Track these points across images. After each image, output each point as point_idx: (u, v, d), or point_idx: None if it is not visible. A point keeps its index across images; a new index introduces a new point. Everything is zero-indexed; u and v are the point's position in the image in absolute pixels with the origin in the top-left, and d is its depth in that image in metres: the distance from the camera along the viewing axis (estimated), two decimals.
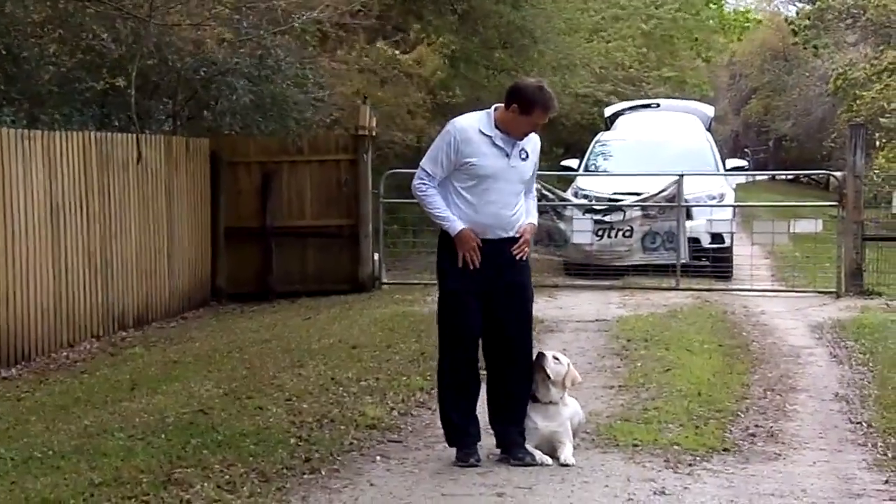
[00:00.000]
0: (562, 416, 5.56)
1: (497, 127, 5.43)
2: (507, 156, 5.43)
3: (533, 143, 5.58)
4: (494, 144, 5.42)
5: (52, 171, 9.70)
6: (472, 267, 5.41)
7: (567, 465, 5.39)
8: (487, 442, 5.64)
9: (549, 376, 5.52)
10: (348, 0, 13.70)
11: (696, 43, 26.83)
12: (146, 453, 5.54)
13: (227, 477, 5.15)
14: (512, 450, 5.47)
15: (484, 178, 5.40)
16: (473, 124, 5.48)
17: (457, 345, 5.52)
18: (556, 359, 5.63)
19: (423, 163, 5.53)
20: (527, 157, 5.51)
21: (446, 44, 16.41)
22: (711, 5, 28.22)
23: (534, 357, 5.59)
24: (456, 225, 5.42)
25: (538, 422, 5.52)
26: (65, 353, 9.61)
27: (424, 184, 5.48)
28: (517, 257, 5.48)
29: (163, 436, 5.89)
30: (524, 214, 5.56)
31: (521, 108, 5.37)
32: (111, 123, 12.01)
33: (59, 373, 8.83)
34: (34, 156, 9.44)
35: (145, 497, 4.86)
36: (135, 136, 11.07)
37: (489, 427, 5.65)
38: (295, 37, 13.51)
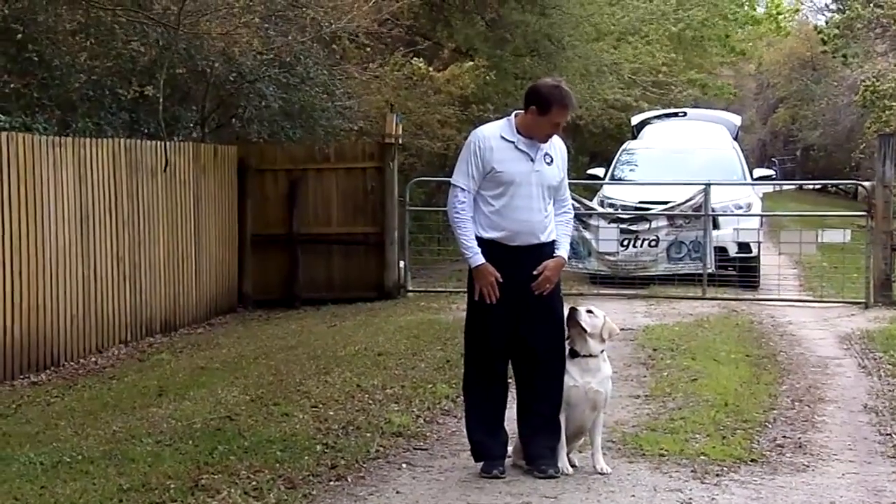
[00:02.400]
0: (602, 372, 5.45)
1: (519, 133, 5.42)
2: (532, 160, 5.40)
3: (557, 148, 5.52)
4: (517, 149, 5.39)
5: (82, 178, 9.80)
6: (488, 301, 5.35)
7: (603, 473, 5.35)
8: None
9: (585, 329, 5.42)
10: (377, 9, 13.75)
11: (727, 39, 26.49)
12: (174, 459, 5.57)
13: (254, 483, 5.17)
14: (537, 461, 5.41)
15: (509, 184, 5.36)
16: (495, 132, 5.47)
17: (483, 357, 5.47)
18: (591, 312, 5.51)
19: (455, 179, 5.46)
20: (551, 161, 5.45)
21: (478, 65, 16.45)
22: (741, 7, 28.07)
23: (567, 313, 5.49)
24: (477, 258, 5.36)
25: (577, 377, 5.40)
26: (93, 359, 9.70)
27: (461, 202, 5.40)
28: (538, 291, 5.38)
29: (190, 442, 5.93)
30: (553, 221, 5.50)
31: (539, 108, 5.35)
32: (140, 130, 12.13)
33: (87, 378, 8.91)
34: (65, 162, 9.54)
35: (173, 502, 4.89)
36: (162, 144, 11.16)
37: (516, 435, 5.63)
38: (324, 45, 13.59)
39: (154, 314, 10.98)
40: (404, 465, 5.63)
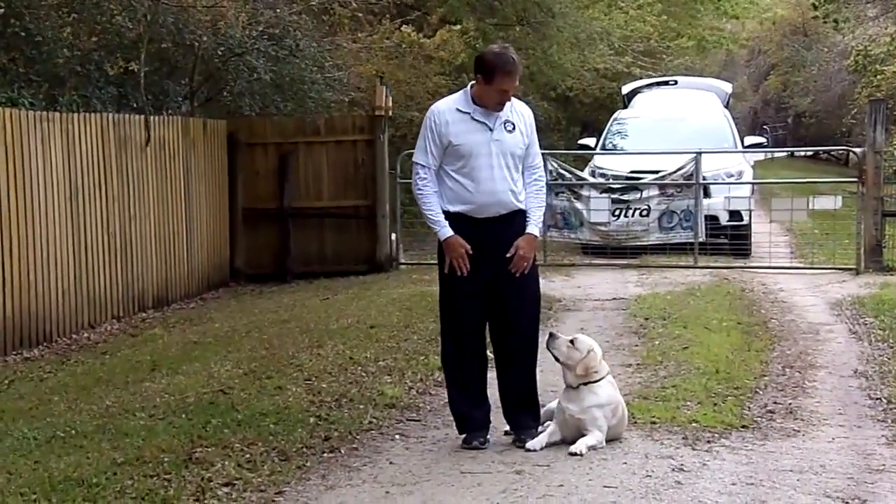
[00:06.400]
0: (585, 401, 5.31)
1: (475, 103, 5.34)
2: (490, 129, 5.31)
3: (520, 114, 5.42)
4: (473, 120, 5.32)
5: (71, 153, 9.76)
6: (459, 274, 5.32)
7: (574, 454, 5.15)
8: (502, 423, 5.62)
9: (557, 358, 5.37)
10: None
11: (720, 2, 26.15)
12: (167, 433, 5.59)
13: (248, 456, 5.19)
14: (519, 432, 5.43)
15: (469, 156, 5.29)
16: (450, 105, 5.41)
17: (458, 332, 5.45)
18: (571, 343, 5.37)
19: (415, 157, 5.41)
20: (513, 128, 5.35)
21: (466, 30, 16.32)
22: None
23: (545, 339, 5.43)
24: (445, 231, 5.31)
25: (563, 402, 5.38)
26: (86, 334, 9.71)
27: (422, 178, 5.35)
28: (517, 273, 5.33)
29: (183, 415, 5.94)
30: (524, 192, 5.40)
31: (483, 76, 5.27)
32: (129, 105, 12.06)
33: (80, 353, 8.92)
34: (53, 137, 9.50)
35: (167, 476, 4.90)
36: (143, 117, 11.09)
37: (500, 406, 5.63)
38: (313, 17, 13.51)
39: (146, 289, 10.97)
40: (397, 436, 5.65)
